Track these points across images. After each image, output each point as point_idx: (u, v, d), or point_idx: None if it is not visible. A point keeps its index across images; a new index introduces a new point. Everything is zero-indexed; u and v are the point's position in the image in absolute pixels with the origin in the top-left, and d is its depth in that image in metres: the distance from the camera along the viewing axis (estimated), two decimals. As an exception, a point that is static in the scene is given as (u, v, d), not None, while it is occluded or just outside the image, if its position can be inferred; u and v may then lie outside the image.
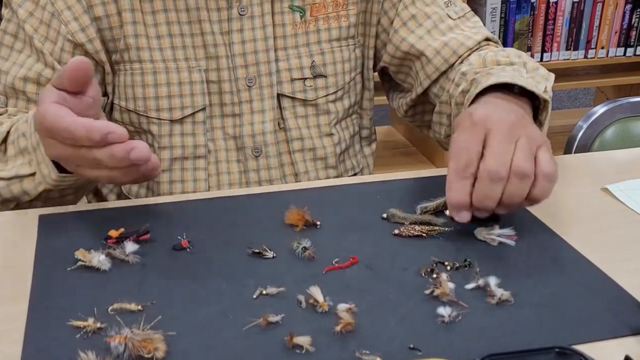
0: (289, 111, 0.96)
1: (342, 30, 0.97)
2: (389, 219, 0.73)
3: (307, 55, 0.95)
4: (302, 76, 0.95)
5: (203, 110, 0.92)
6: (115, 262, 0.65)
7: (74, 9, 0.87)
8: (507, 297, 0.59)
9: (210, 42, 0.91)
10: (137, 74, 0.90)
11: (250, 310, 0.58)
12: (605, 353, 0.53)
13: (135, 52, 0.90)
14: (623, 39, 2.55)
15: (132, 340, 0.52)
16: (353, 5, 0.97)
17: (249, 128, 0.93)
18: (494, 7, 2.42)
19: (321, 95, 0.97)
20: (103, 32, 0.89)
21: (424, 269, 0.64)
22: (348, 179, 0.86)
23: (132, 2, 0.88)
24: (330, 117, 0.98)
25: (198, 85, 0.91)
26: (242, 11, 0.90)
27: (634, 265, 0.66)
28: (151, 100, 0.91)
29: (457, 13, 0.99)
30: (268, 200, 0.78)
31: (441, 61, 0.95)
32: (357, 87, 1.03)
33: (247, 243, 0.68)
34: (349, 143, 1.04)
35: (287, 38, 0.94)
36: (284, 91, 0.95)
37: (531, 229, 0.71)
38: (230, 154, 0.94)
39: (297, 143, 0.97)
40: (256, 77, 0.93)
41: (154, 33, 0.89)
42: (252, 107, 0.93)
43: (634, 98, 1.32)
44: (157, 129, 0.92)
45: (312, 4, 0.94)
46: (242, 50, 0.91)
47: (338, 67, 0.97)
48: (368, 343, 0.54)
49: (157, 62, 0.90)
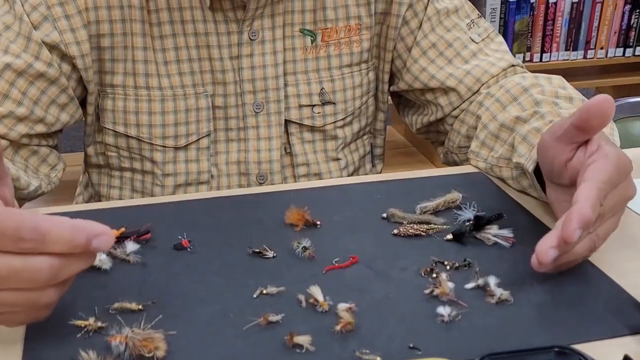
0: (296, 137, 0.94)
1: (353, 56, 0.95)
2: (389, 219, 0.73)
3: (317, 81, 0.93)
4: (310, 103, 0.93)
5: (208, 136, 0.91)
6: (116, 261, 0.65)
7: (73, 21, 0.84)
8: (506, 297, 0.59)
9: (218, 68, 0.89)
10: (143, 100, 0.88)
11: (250, 309, 0.58)
12: (605, 353, 0.53)
13: (144, 79, 0.88)
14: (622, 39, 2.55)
15: (132, 340, 0.52)
16: (366, 30, 0.94)
17: (255, 155, 0.92)
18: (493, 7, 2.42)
19: (329, 122, 0.95)
20: (103, 50, 0.87)
21: (423, 268, 0.64)
22: (348, 179, 0.87)
23: (144, 27, 0.86)
24: (338, 142, 0.97)
25: (204, 112, 0.90)
26: (252, 36, 0.88)
27: (634, 265, 0.66)
28: (157, 127, 0.89)
29: (481, 35, 0.96)
30: (268, 200, 0.78)
31: (464, 90, 0.92)
32: (370, 110, 1.01)
33: (248, 243, 0.68)
34: (358, 165, 1.02)
35: (297, 63, 0.92)
36: (291, 117, 0.93)
37: (531, 229, 0.71)
38: (232, 179, 0.93)
39: (303, 168, 0.95)
40: (264, 104, 0.91)
41: (162, 58, 0.88)
42: (258, 134, 0.92)
43: (633, 98, 1.33)
44: (161, 156, 0.91)
45: (324, 29, 0.92)
46: (251, 76, 0.90)
47: (348, 93, 0.95)
48: (368, 342, 0.54)
49: (166, 89, 0.88)
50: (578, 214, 0.54)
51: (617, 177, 0.60)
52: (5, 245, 0.48)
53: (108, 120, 0.91)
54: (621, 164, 0.60)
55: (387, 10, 0.95)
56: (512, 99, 0.85)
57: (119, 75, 0.88)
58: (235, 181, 0.93)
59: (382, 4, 0.95)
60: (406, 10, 0.94)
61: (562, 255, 0.58)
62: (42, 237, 0.48)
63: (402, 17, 0.94)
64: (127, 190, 0.95)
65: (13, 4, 0.84)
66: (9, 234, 0.48)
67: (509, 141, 0.80)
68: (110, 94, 0.89)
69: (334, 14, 0.92)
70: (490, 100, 0.88)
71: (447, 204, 0.74)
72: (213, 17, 0.87)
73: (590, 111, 0.60)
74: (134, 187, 0.95)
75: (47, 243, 0.48)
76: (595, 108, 0.59)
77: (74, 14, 0.84)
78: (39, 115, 0.86)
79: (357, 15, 0.93)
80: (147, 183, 0.93)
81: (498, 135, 0.83)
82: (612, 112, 0.60)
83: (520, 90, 0.85)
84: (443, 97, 0.94)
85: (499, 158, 0.81)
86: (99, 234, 0.49)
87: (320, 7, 0.92)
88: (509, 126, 0.82)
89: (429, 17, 0.94)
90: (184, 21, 0.87)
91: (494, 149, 0.84)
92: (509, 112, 0.83)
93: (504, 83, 0.89)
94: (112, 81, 0.89)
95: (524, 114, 0.80)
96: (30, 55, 0.84)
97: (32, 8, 0.84)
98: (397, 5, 0.94)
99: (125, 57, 0.88)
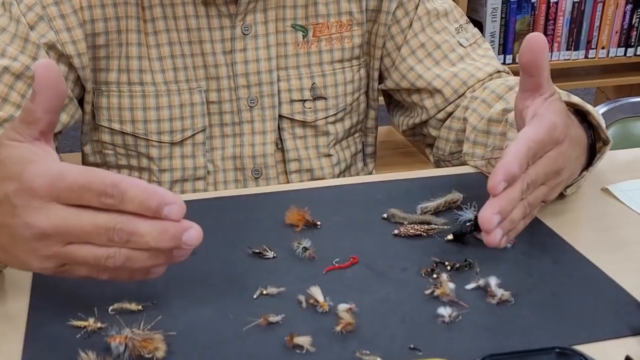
0: (288, 132, 0.94)
1: (344, 51, 0.95)
2: (389, 219, 0.73)
3: (308, 76, 0.94)
4: (301, 98, 0.94)
5: (203, 131, 0.91)
6: (116, 262, 0.65)
7: (68, 20, 0.85)
8: (507, 297, 0.59)
9: (211, 63, 0.90)
10: (137, 96, 0.89)
11: (250, 310, 0.58)
12: (606, 353, 0.53)
13: (138, 75, 0.88)
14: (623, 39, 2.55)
15: (132, 340, 0.52)
16: (358, 26, 0.95)
17: (250, 149, 0.93)
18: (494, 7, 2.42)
19: (320, 117, 0.95)
20: (98, 48, 0.87)
21: (424, 269, 0.64)
22: (348, 179, 0.86)
23: (139, 23, 0.87)
24: (329, 138, 0.97)
25: (199, 107, 0.90)
26: (245, 30, 0.89)
27: (635, 265, 0.66)
28: (152, 123, 0.90)
29: (469, 40, 0.97)
30: (268, 200, 0.78)
31: (450, 92, 0.93)
32: (361, 107, 1.01)
33: (248, 243, 0.68)
34: (350, 162, 1.02)
35: (289, 58, 0.92)
36: (282, 112, 0.93)
37: (531, 229, 0.71)
38: (228, 174, 0.94)
39: (295, 164, 0.96)
40: (258, 98, 0.92)
41: (156, 54, 0.88)
42: (253, 128, 0.92)
43: (634, 98, 1.33)
44: (157, 151, 0.91)
45: (315, 24, 0.92)
46: (245, 70, 0.90)
47: (339, 89, 0.96)
48: (368, 343, 0.54)
49: (159, 84, 0.89)
50: (503, 167, 0.57)
51: (549, 140, 0.62)
52: (89, 199, 0.50)
53: (103, 117, 0.91)
54: (553, 130, 0.63)
55: (378, 7, 0.96)
56: (498, 97, 0.86)
57: (113, 72, 0.89)
58: (231, 176, 0.94)
59: (373, 1, 0.95)
60: (396, 8, 0.95)
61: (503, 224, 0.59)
62: (122, 195, 0.50)
63: (391, 14, 0.95)
64: None
65: (9, 6, 0.85)
66: (95, 188, 0.49)
67: (501, 131, 0.82)
68: (105, 92, 0.90)
69: (326, 10, 0.93)
70: (475, 102, 0.89)
71: (447, 204, 0.74)
72: (206, 12, 0.88)
73: (524, 49, 0.64)
74: None
75: (125, 201, 0.50)
76: (530, 45, 0.63)
77: (69, 14, 0.85)
78: None
79: (349, 11, 0.94)
80: (143, 180, 0.93)
81: (488, 130, 0.85)
82: (545, 45, 0.64)
83: (505, 89, 0.86)
84: (429, 99, 0.95)
85: (493, 149, 0.83)
86: (169, 203, 0.50)
87: (312, 2, 0.92)
88: (498, 119, 0.83)
89: (420, 16, 0.95)
90: (177, 17, 0.88)
91: (487, 144, 0.85)
92: (495, 108, 0.85)
93: (488, 85, 0.90)
94: (106, 78, 0.89)
95: (509, 105, 0.82)
96: (27, 56, 0.84)
97: (27, 9, 0.84)
98: (387, 2, 0.95)
99: (119, 54, 0.88)
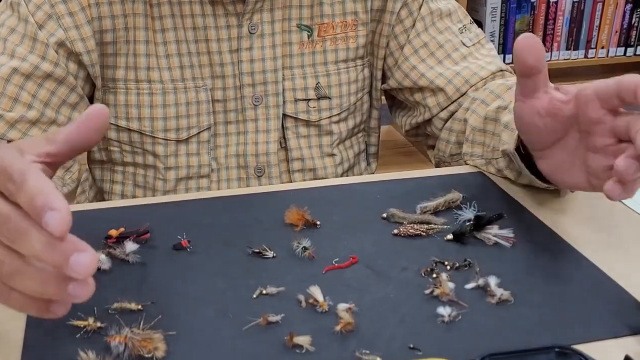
0: (292, 131, 0.95)
1: (349, 51, 0.95)
2: (389, 219, 0.73)
3: (313, 76, 0.94)
4: (306, 97, 0.94)
5: (208, 129, 0.92)
6: (116, 261, 0.65)
7: (77, 18, 0.85)
8: (507, 297, 0.59)
9: (217, 62, 0.90)
10: (144, 93, 0.89)
11: (250, 310, 0.58)
12: (606, 353, 0.53)
13: (145, 72, 0.89)
14: (624, 39, 2.55)
15: (132, 340, 0.52)
16: (363, 26, 0.95)
17: (253, 147, 0.93)
18: (494, 7, 2.42)
19: (325, 117, 0.96)
20: (106, 46, 0.88)
21: (424, 269, 0.64)
22: (348, 179, 0.86)
23: (147, 21, 0.87)
24: (333, 137, 0.97)
25: (204, 105, 0.91)
26: (252, 29, 0.89)
27: (634, 265, 0.66)
28: (159, 121, 0.90)
29: (472, 40, 0.97)
30: (268, 200, 0.78)
31: (453, 90, 0.93)
32: (365, 107, 1.01)
33: (248, 243, 0.68)
34: (353, 162, 1.03)
35: (294, 57, 0.93)
36: (287, 111, 0.94)
37: (531, 229, 0.71)
38: (231, 173, 0.94)
39: (298, 163, 0.96)
40: (263, 97, 0.92)
41: (164, 52, 0.89)
42: (257, 127, 0.93)
43: (634, 98, 1.32)
44: (163, 149, 0.91)
45: (321, 24, 0.93)
46: (251, 70, 0.91)
47: (344, 89, 0.96)
48: (368, 343, 0.54)
49: (167, 82, 0.89)
50: None
51: None
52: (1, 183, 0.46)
53: (110, 115, 0.91)
54: None
55: (383, 7, 0.96)
56: (495, 97, 0.86)
57: (121, 70, 0.89)
58: (235, 174, 0.94)
59: (378, 1, 0.96)
60: (401, 9, 0.95)
61: None
62: (22, 183, 0.44)
63: (396, 14, 0.95)
64: (129, 185, 0.96)
65: (18, 6, 0.85)
66: (8, 172, 0.45)
67: (497, 131, 0.82)
68: (112, 89, 0.90)
69: (331, 10, 0.93)
70: (476, 103, 0.89)
71: (447, 204, 0.74)
72: (213, 11, 0.88)
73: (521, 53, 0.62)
74: (136, 182, 0.95)
75: (21, 190, 0.44)
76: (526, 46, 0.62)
77: (77, 11, 0.85)
78: (51, 117, 0.86)
79: (354, 11, 0.95)
80: (149, 177, 0.94)
81: (485, 129, 0.85)
82: (541, 46, 0.62)
83: (504, 89, 0.87)
84: (431, 98, 0.95)
85: (492, 150, 0.83)
86: (54, 208, 0.43)
87: (318, 2, 0.93)
88: (493, 117, 0.83)
89: (423, 16, 0.96)
90: (184, 16, 0.88)
91: (485, 143, 0.85)
92: (491, 107, 0.85)
93: (489, 85, 0.90)
94: (114, 76, 0.90)
95: (505, 103, 0.82)
96: (37, 56, 0.84)
97: (36, 8, 0.84)
98: (392, 3, 0.95)
99: (127, 51, 0.88)
